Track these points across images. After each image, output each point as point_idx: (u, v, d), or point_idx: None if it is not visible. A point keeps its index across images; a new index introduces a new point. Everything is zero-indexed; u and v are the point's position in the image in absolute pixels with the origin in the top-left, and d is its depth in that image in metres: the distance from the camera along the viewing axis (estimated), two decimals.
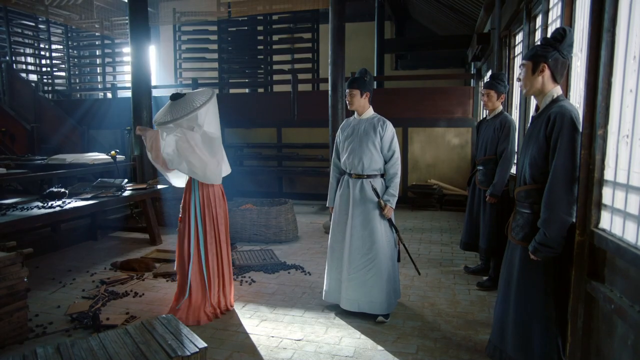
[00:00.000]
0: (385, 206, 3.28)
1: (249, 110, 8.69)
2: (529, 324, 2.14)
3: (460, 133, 7.87)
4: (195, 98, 3.21)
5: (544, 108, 2.10)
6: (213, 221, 3.34)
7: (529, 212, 2.13)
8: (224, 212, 3.44)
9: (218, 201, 3.38)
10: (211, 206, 3.33)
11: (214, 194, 3.35)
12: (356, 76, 3.40)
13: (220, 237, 3.38)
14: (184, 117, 3.04)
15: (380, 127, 3.32)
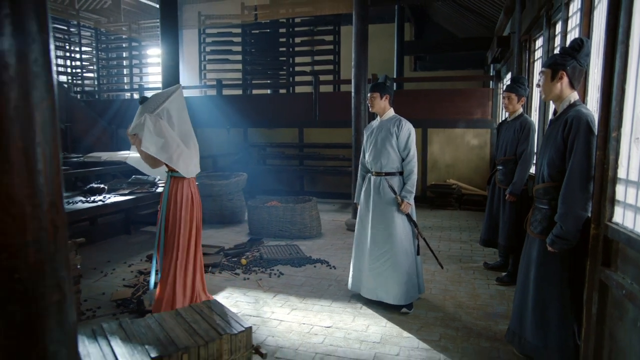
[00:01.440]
0: (402, 202, 3.46)
1: (272, 111, 8.95)
2: (547, 311, 2.31)
3: (479, 134, 7.99)
4: (160, 95, 3.26)
5: (561, 112, 2.28)
6: (177, 223, 3.22)
7: (547, 208, 2.31)
8: (190, 215, 3.28)
9: (185, 202, 3.25)
10: (177, 206, 3.22)
11: (182, 193, 3.25)
12: (378, 81, 3.62)
13: (178, 240, 3.23)
14: (155, 112, 3.06)
15: (396, 127, 3.52)
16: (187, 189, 3.28)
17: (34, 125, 1.38)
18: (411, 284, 3.51)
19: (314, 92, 8.49)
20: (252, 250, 5.05)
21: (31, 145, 1.37)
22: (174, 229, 3.24)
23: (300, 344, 3.00)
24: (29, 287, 1.39)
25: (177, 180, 3.26)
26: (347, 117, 7.73)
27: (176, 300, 3.21)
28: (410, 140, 3.51)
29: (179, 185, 3.25)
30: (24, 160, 1.36)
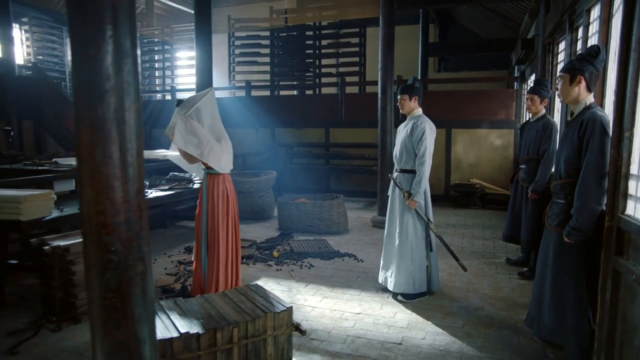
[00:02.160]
0: (408, 197, 3.64)
1: (299, 111, 9.22)
2: (563, 297, 2.50)
3: (503, 134, 8.10)
4: (194, 98, 3.59)
5: (577, 114, 2.47)
6: (215, 217, 3.50)
7: (564, 202, 2.51)
8: (227, 209, 3.56)
9: (222, 197, 3.52)
10: (214, 202, 3.50)
11: (218, 189, 3.52)
12: (407, 83, 3.84)
13: (218, 233, 3.51)
14: (187, 113, 3.37)
15: (414, 125, 3.70)
16: (223, 185, 3.56)
17: (127, 125, 1.67)
18: (416, 277, 3.66)
19: (339, 93, 8.73)
20: (283, 244, 5.32)
21: (124, 142, 1.66)
22: (213, 222, 3.52)
23: (333, 327, 3.25)
24: (122, 259, 1.68)
25: (213, 177, 3.54)
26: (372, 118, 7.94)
27: (219, 289, 3.51)
28: (422, 139, 3.60)
29: (215, 181, 3.53)
30: (119, 154, 1.65)
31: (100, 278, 1.66)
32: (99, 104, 1.59)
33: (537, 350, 2.90)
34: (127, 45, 1.63)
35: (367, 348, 2.95)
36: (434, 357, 2.84)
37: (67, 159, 5.62)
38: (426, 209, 3.75)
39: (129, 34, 1.64)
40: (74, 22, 1.57)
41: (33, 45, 11.64)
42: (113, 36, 1.59)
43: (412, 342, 3.03)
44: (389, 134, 6.27)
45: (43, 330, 3.15)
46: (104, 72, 1.58)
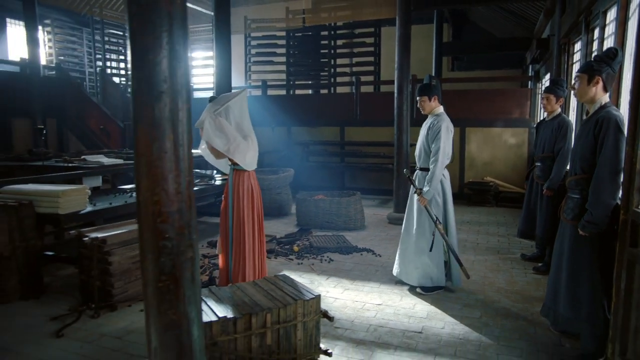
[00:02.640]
0: (419, 194, 3.74)
1: (314, 110, 9.37)
2: (579, 288, 2.62)
3: (517, 133, 8.17)
4: (226, 96, 3.75)
5: (593, 112, 2.58)
6: (241, 212, 3.64)
7: (579, 197, 2.63)
8: (252, 204, 3.71)
9: (247, 193, 3.68)
10: (239, 197, 3.64)
11: (244, 184, 3.67)
12: (424, 83, 3.89)
13: (244, 227, 3.65)
14: (217, 110, 3.51)
15: (431, 124, 3.80)
16: (248, 181, 3.70)
17: (180, 123, 1.84)
18: (434, 272, 3.77)
19: (355, 93, 8.87)
20: (302, 239, 5.48)
21: (178, 138, 1.83)
22: (239, 217, 3.66)
23: (355, 317, 3.40)
24: (175, 245, 1.85)
25: (239, 173, 3.68)
26: (387, 117, 8.05)
27: (246, 281, 3.67)
28: (437, 138, 3.67)
29: (241, 177, 3.68)
30: (173, 149, 1.82)
31: (156, 262, 1.82)
32: (156, 104, 1.76)
33: (553, 339, 3.02)
34: (180, 51, 1.80)
35: (389, 336, 3.10)
36: (454, 344, 2.98)
37: (95, 156, 5.84)
38: (446, 207, 3.83)
39: (182, 41, 1.81)
40: (135, 31, 1.74)
41: (55, 46, 11.94)
42: (169, 43, 1.75)
43: (431, 331, 3.17)
44: (405, 132, 6.39)
45: (83, 317, 3.35)
46: (161, 75, 1.75)
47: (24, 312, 3.46)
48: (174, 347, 1.88)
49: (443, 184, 3.81)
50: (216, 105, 3.62)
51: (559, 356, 2.77)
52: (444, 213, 3.83)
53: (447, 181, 3.86)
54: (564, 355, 2.77)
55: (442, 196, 3.81)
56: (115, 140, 9.21)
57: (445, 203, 3.83)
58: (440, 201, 3.78)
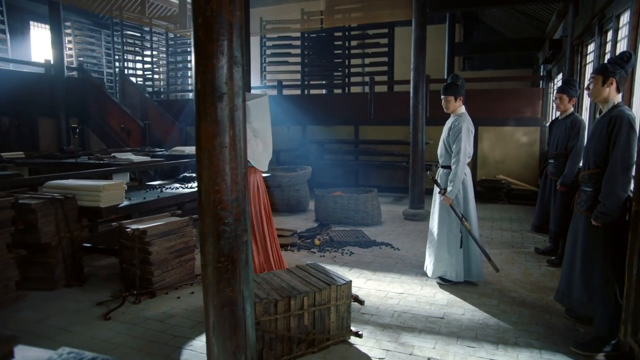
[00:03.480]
0: (443, 194, 3.90)
1: (329, 110, 9.59)
2: (592, 274, 2.81)
3: (529, 132, 8.32)
4: (248, 96, 3.87)
5: (606, 111, 2.78)
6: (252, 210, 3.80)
7: (591, 190, 2.82)
8: (258, 200, 3.90)
9: (252, 189, 3.80)
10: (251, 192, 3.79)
11: (249, 179, 3.62)
12: (449, 83, 4.07)
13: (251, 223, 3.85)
14: None
15: (453, 125, 3.98)
16: (253, 177, 3.85)
17: (237, 121, 2.07)
18: (453, 267, 3.94)
19: (369, 92, 9.07)
20: (323, 234, 5.70)
21: (236, 134, 2.06)
22: (251, 212, 3.84)
23: (380, 304, 3.61)
24: (232, 229, 2.08)
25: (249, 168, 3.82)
26: (401, 115, 8.26)
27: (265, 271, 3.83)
28: (458, 138, 3.83)
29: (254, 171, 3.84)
30: (232, 143, 2.04)
31: (216, 245, 2.05)
32: (218, 103, 1.99)
33: (567, 325, 3.22)
34: (238, 57, 2.03)
35: (413, 321, 3.31)
36: (474, 328, 3.18)
37: (124, 154, 6.10)
38: (466, 204, 3.96)
39: (240, 48, 2.03)
40: (200, 39, 1.97)
41: (75, 47, 12.26)
42: (229, 50, 1.98)
43: (452, 317, 3.38)
44: (421, 131, 6.59)
45: (126, 302, 3.59)
46: (222, 79, 1.98)
47: (72, 298, 3.71)
48: (230, 321, 2.11)
49: (464, 181, 3.96)
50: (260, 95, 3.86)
51: (573, 339, 2.96)
52: (465, 209, 3.97)
53: (469, 178, 4.02)
54: (578, 338, 2.96)
55: (463, 192, 3.96)
56: (136, 139, 9.49)
57: (466, 199, 3.96)
58: (460, 197, 3.94)
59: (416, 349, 2.91)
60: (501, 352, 2.86)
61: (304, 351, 2.78)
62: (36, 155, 6.42)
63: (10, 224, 3.58)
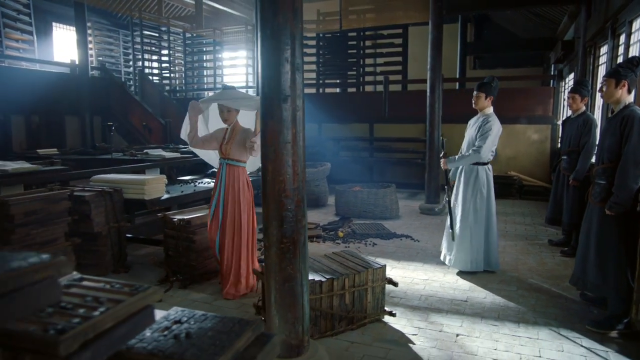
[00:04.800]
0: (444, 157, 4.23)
1: (344, 108, 9.87)
2: (606, 260, 3.09)
3: (540, 129, 8.57)
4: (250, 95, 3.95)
5: (618, 111, 3.06)
6: (236, 205, 3.65)
7: (605, 183, 3.10)
8: (249, 198, 3.75)
9: (242, 186, 3.70)
10: (236, 189, 3.66)
11: (240, 179, 3.69)
12: (485, 81, 4.31)
13: (240, 222, 3.66)
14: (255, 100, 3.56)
15: (484, 122, 4.25)
16: (244, 175, 3.76)
17: (298, 120, 2.36)
18: (474, 257, 4.17)
19: (384, 91, 9.34)
20: (344, 226, 6.00)
21: (297, 131, 2.35)
22: (233, 211, 3.66)
23: (407, 289, 3.90)
24: (294, 214, 2.38)
25: (234, 168, 3.70)
26: (415, 114, 8.53)
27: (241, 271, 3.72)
28: (486, 135, 4.07)
29: (236, 172, 3.69)
30: (294, 140, 2.34)
31: (279, 228, 2.35)
32: (283, 104, 2.29)
33: (582, 307, 3.50)
34: (300, 63, 2.32)
35: (439, 303, 3.60)
36: (496, 310, 3.47)
37: (156, 150, 6.41)
38: (489, 199, 4.22)
39: (300, 55, 2.33)
40: (267, 48, 2.27)
41: (95, 47, 12.60)
42: (292, 58, 2.28)
43: (475, 300, 3.67)
44: (437, 128, 6.86)
45: (172, 287, 3.90)
46: (287, 83, 2.28)
47: None
48: (290, 296, 2.41)
49: (488, 177, 4.24)
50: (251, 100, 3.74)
51: (589, 319, 3.24)
52: (488, 203, 4.22)
53: (491, 174, 4.28)
54: (593, 318, 3.25)
55: (487, 188, 4.23)
56: (157, 137, 9.81)
57: (489, 194, 4.24)
58: (485, 192, 4.21)
59: (445, 326, 3.20)
60: (522, 329, 3.15)
61: (344, 328, 3.08)
62: (71, 152, 6.75)
63: (67, 214, 3.90)
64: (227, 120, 3.73)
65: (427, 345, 2.94)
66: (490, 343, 2.97)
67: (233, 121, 3.75)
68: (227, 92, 3.74)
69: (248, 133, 3.71)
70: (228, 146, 3.70)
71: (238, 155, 3.71)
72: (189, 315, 1.62)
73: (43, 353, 0.98)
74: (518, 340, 3.00)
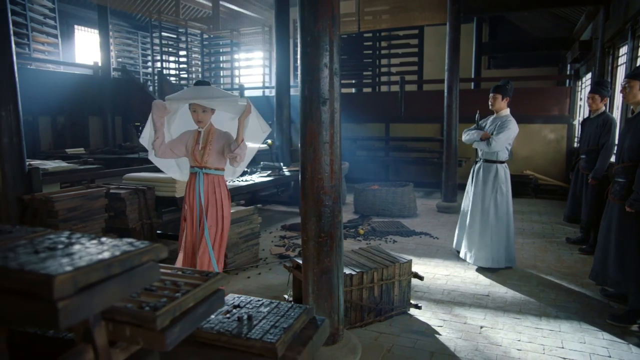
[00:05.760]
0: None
1: (361, 108, 10.00)
2: (626, 255, 3.19)
3: (556, 129, 8.62)
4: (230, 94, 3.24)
5: (638, 112, 3.16)
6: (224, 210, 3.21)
7: (624, 181, 3.20)
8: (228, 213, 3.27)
9: (224, 199, 3.23)
10: (222, 196, 3.21)
11: (220, 190, 3.20)
12: (500, 84, 4.46)
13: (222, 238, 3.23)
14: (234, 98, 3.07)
15: (503, 123, 4.38)
16: (224, 186, 3.27)
17: (336, 122, 2.50)
18: (495, 254, 4.30)
19: (399, 91, 9.45)
20: (364, 224, 6.14)
21: (335, 132, 2.50)
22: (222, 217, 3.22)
23: (430, 284, 4.03)
24: (331, 210, 2.52)
25: (213, 178, 3.18)
26: (431, 114, 8.63)
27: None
28: (503, 133, 4.22)
29: (216, 180, 3.19)
30: (332, 140, 2.49)
31: (318, 223, 2.50)
32: (322, 107, 2.43)
33: (602, 302, 3.61)
34: (337, 68, 2.47)
35: (462, 297, 3.73)
36: (518, 304, 3.59)
37: None
38: (508, 195, 4.38)
39: (338, 60, 2.47)
40: (308, 54, 2.41)
41: (114, 49, 12.88)
42: (331, 63, 2.42)
43: (497, 295, 3.79)
44: (454, 128, 6.96)
45: None
46: (326, 87, 2.42)
47: None
48: (327, 287, 2.56)
49: (506, 175, 4.39)
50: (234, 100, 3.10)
51: (609, 314, 3.35)
52: (506, 200, 4.36)
53: (509, 173, 4.45)
54: (613, 312, 3.35)
55: (506, 185, 4.37)
56: None
57: (507, 192, 4.38)
58: (504, 189, 4.35)
59: (469, 319, 3.33)
60: (544, 322, 3.27)
61: (372, 319, 3.22)
62: (98, 151, 6.97)
63: (104, 211, 4.09)
64: (202, 122, 3.09)
65: (453, 336, 3.07)
66: (513, 335, 3.09)
67: (207, 123, 3.13)
68: (202, 89, 3.06)
69: (228, 138, 3.13)
70: (204, 152, 3.10)
71: (217, 162, 3.16)
72: (246, 301, 1.78)
73: (141, 327, 1.14)
74: (540, 333, 3.12)
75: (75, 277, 0.91)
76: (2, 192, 3.58)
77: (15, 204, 3.65)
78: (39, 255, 1.02)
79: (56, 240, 1.17)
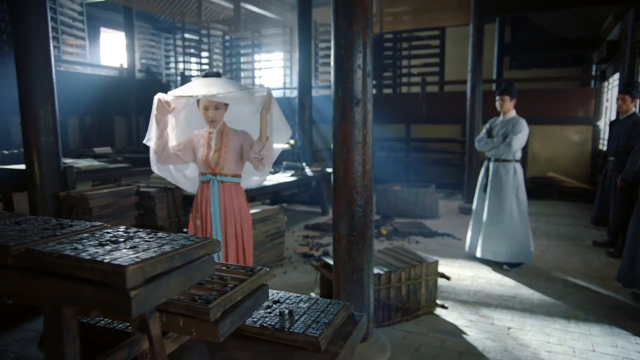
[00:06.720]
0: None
1: (381, 109, 9.98)
2: None
3: (580, 130, 8.49)
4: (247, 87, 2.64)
5: None
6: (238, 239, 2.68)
7: None
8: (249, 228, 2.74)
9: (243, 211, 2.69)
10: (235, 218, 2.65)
11: (238, 200, 2.67)
12: (506, 85, 4.53)
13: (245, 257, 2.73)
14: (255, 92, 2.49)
15: (514, 124, 4.40)
16: (242, 196, 2.73)
17: (368, 122, 2.53)
18: (518, 249, 4.35)
19: (420, 92, 9.43)
20: (387, 225, 6.15)
21: (367, 132, 2.51)
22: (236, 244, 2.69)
23: (455, 285, 4.03)
24: (363, 209, 2.55)
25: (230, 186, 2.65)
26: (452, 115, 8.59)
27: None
28: (521, 133, 4.29)
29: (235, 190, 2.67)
30: (365, 140, 2.51)
31: (350, 222, 2.54)
32: (355, 108, 2.47)
33: (633, 306, 3.56)
34: (370, 70, 2.50)
35: (488, 299, 3.72)
36: (545, 306, 3.57)
37: None
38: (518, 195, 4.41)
39: (371, 62, 2.50)
40: (342, 56, 2.45)
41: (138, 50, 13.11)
42: (364, 65, 2.46)
43: (523, 297, 3.77)
44: (477, 130, 6.92)
45: None
46: (359, 88, 2.46)
47: None
48: (358, 285, 2.60)
49: (522, 173, 4.50)
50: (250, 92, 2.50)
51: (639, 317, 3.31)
52: (524, 196, 4.44)
53: (522, 173, 4.50)
54: None
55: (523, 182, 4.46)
56: None
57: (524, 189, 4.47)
58: (523, 186, 4.45)
59: (496, 320, 3.33)
60: (573, 325, 3.25)
61: (399, 318, 3.25)
62: (125, 151, 7.13)
63: (134, 208, 4.20)
64: (214, 122, 2.56)
65: (481, 337, 3.08)
66: (542, 336, 3.08)
67: (221, 121, 2.60)
68: (212, 80, 2.52)
69: (246, 138, 2.63)
70: (219, 157, 2.59)
71: (235, 168, 2.64)
72: (285, 297, 1.83)
73: (195, 318, 1.19)
74: (570, 335, 3.10)
75: (143, 268, 0.97)
76: (40, 189, 3.71)
77: (52, 201, 3.77)
78: (104, 248, 1.08)
79: (115, 234, 1.23)
